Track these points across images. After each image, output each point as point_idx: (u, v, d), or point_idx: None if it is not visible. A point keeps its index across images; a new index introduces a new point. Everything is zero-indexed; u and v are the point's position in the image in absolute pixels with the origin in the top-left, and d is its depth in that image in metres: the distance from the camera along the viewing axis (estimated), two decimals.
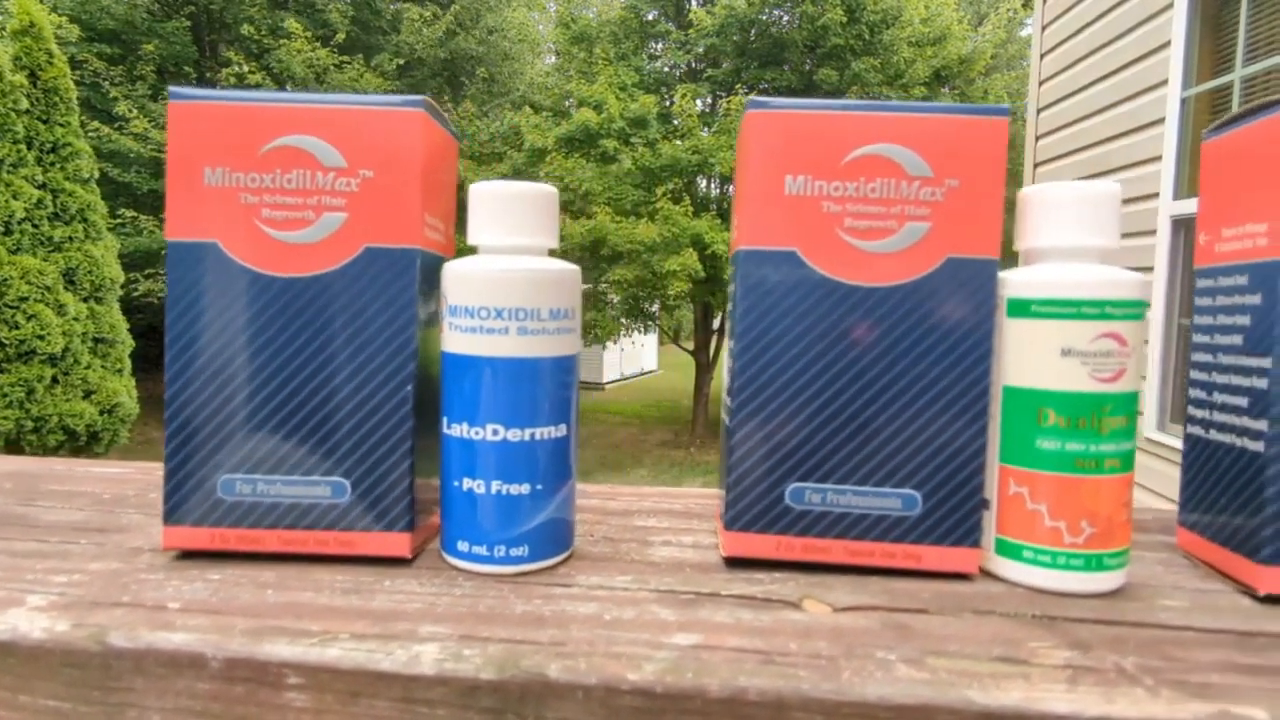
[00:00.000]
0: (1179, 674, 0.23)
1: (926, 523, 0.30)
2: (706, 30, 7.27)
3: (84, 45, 6.10)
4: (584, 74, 7.50)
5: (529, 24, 8.88)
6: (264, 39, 6.71)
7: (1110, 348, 0.28)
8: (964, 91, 7.60)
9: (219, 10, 7.10)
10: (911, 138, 0.29)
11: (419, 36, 7.29)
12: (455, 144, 0.34)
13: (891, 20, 7.23)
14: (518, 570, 0.29)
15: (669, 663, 0.23)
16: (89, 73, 6.24)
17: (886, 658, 0.24)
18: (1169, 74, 2.83)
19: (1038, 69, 3.73)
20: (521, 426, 0.29)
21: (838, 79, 7.19)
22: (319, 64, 6.61)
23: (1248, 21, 2.56)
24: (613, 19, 7.74)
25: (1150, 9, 2.91)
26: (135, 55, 6.54)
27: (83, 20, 6.13)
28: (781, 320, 0.30)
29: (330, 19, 6.98)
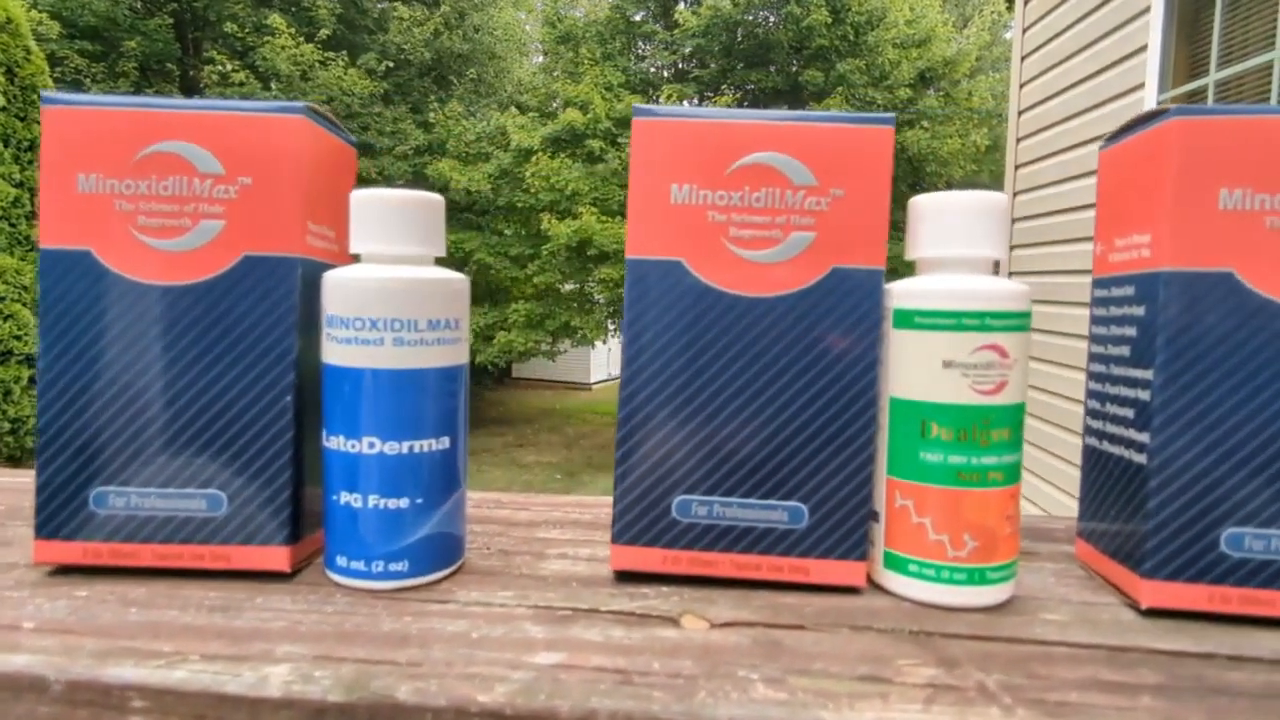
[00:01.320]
0: (1039, 692, 0.23)
1: (813, 536, 0.29)
2: (692, 31, 7.28)
3: (64, 42, 6.04)
4: (570, 74, 7.49)
5: (515, 24, 8.85)
6: (248, 36, 6.66)
7: (991, 359, 0.27)
8: (949, 93, 7.64)
9: (202, 8, 7.04)
10: (796, 146, 0.29)
11: (406, 36, 7.25)
12: (350, 150, 0.34)
13: (876, 22, 7.25)
14: (397, 586, 0.29)
15: (523, 684, 0.23)
16: (70, 70, 6.18)
17: (748, 677, 0.24)
18: (1146, 78, 2.85)
19: (1018, 72, 3.75)
20: (400, 439, 0.28)
21: (823, 80, 7.21)
22: (303, 61, 6.56)
23: (1221, 26, 2.58)
24: (599, 19, 7.73)
25: (1127, 13, 2.93)
26: (117, 52, 6.48)
27: (63, 17, 6.07)
28: (668, 331, 0.29)
29: (316, 16, 6.93)
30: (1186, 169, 0.27)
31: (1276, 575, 0.27)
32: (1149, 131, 0.29)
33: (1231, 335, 0.27)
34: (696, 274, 0.29)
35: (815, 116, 0.29)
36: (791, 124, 0.29)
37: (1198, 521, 0.27)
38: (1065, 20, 3.30)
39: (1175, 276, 0.27)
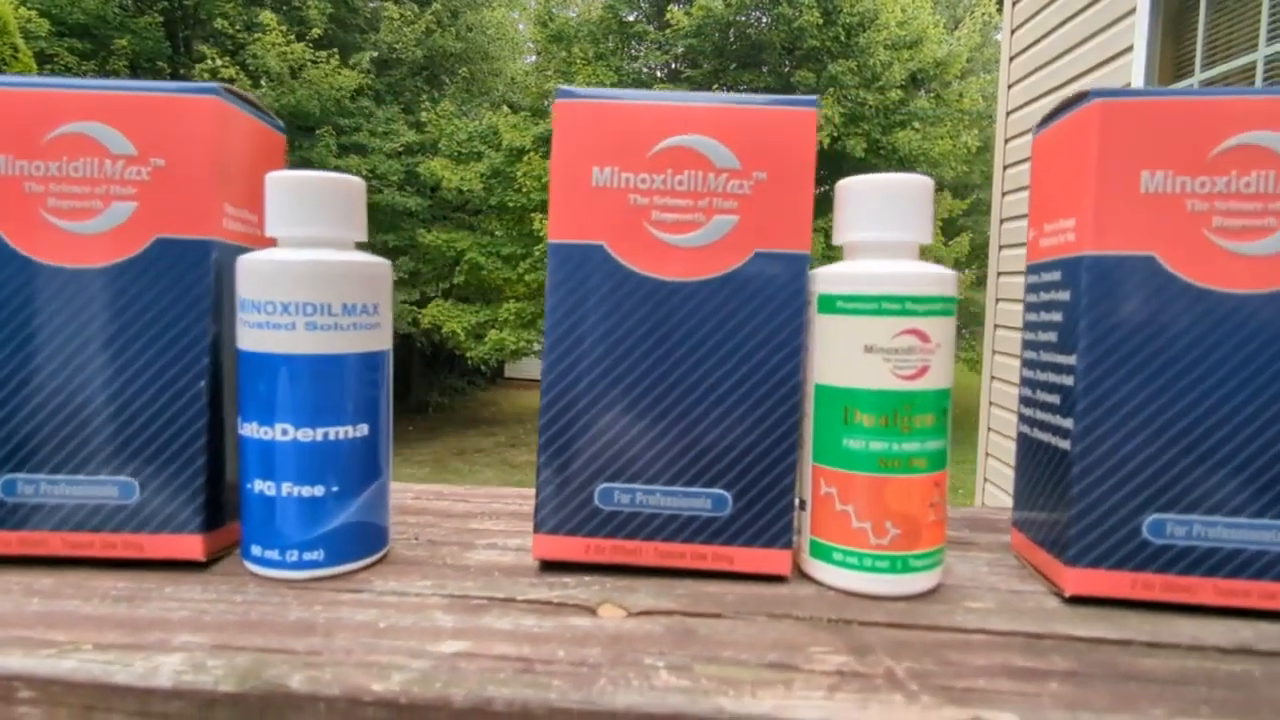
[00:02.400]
0: (947, 679, 0.23)
1: (737, 524, 0.29)
2: (684, 31, 7.28)
3: (53, 40, 6.00)
4: (563, 73, 7.48)
5: (508, 23, 8.84)
6: (238, 34, 6.63)
7: (912, 344, 0.27)
8: (940, 94, 7.65)
9: (193, 6, 7.01)
10: (719, 129, 0.28)
11: (398, 35, 7.23)
12: (273, 133, 0.33)
13: (868, 23, 7.26)
14: (313, 575, 0.28)
15: (421, 673, 0.22)
16: (59, 67, 6.14)
17: (654, 665, 0.23)
18: (1132, 78, 2.86)
19: (1006, 72, 3.76)
20: (315, 426, 0.28)
21: (815, 80, 7.21)
22: (294, 59, 6.53)
23: (1206, 27, 2.59)
24: (592, 19, 7.73)
25: (1113, 14, 2.94)
26: (107, 50, 6.44)
27: (52, 14, 6.03)
28: (590, 316, 0.29)
29: (307, 15, 6.91)
30: (1107, 152, 0.27)
31: (1198, 562, 0.27)
32: (1073, 115, 0.28)
33: (1153, 320, 0.27)
34: (618, 258, 0.29)
35: (738, 99, 0.29)
36: (714, 106, 0.28)
37: (1120, 508, 0.27)
38: (1053, 21, 3.31)
39: (1097, 261, 0.27)
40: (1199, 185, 0.26)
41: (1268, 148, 0.26)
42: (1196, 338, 0.26)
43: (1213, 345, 0.26)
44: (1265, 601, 0.26)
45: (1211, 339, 0.26)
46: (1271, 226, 0.26)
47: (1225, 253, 0.26)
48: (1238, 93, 0.26)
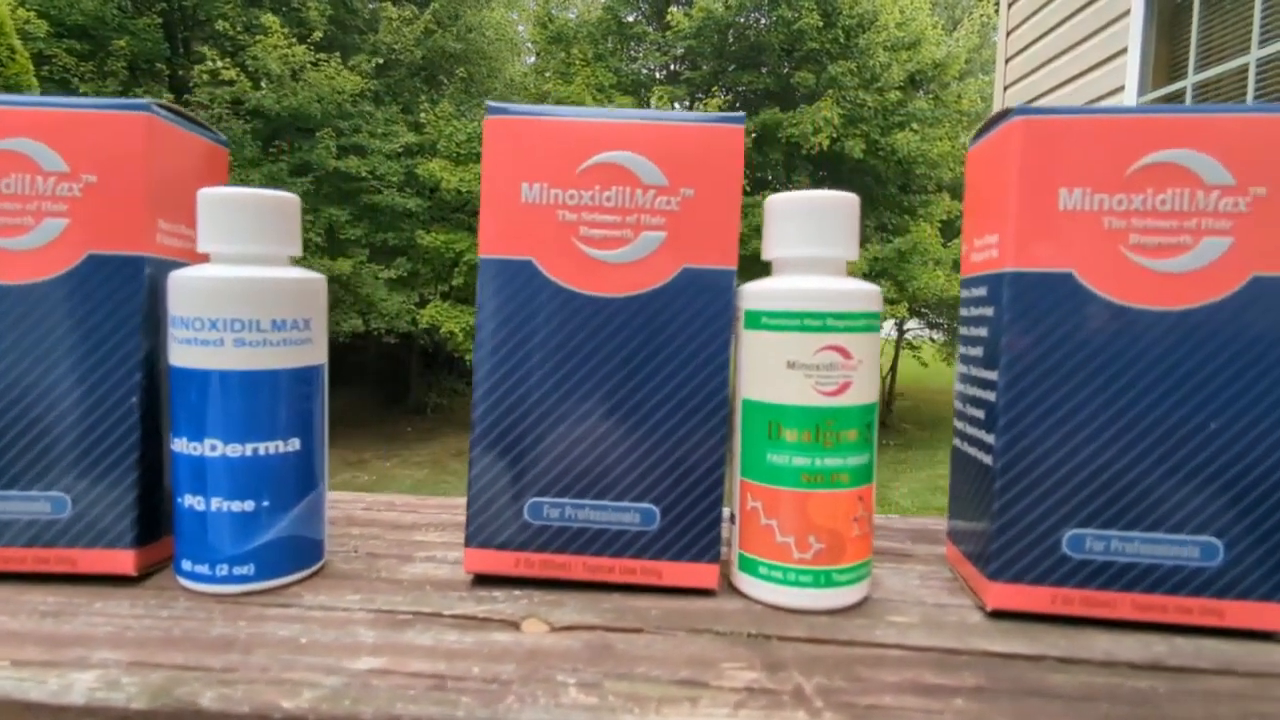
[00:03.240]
0: (854, 696, 0.23)
1: (665, 538, 0.29)
2: (684, 33, 7.28)
3: (51, 41, 6.01)
4: (562, 75, 7.49)
5: (507, 23, 8.84)
6: (239, 36, 6.64)
7: (834, 360, 0.27)
8: (938, 95, 7.65)
9: (192, 7, 7.01)
10: (647, 146, 0.29)
11: (397, 36, 7.24)
12: (217, 150, 0.33)
13: (867, 24, 7.26)
14: (243, 590, 0.28)
15: (332, 690, 0.23)
16: (57, 68, 6.15)
17: (565, 682, 0.23)
18: (1126, 80, 2.87)
19: (1003, 73, 3.76)
20: (243, 441, 0.28)
21: (814, 82, 7.21)
22: (295, 61, 6.54)
23: (1199, 30, 2.60)
24: (591, 20, 7.74)
25: (1108, 16, 2.94)
26: (106, 51, 6.45)
27: (51, 15, 6.04)
28: (519, 331, 0.29)
29: (307, 17, 6.91)
30: (1027, 169, 0.27)
31: (1116, 577, 0.27)
32: (998, 131, 0.28)
33: (1072, 336, 0.27)
34: (547, 273, 0.29)
35: (665, 115, 0.29)
36: (641, 123, 0.29)
37: (1040, 523, 0.27)
38: (1048, 23, 3.31)
39: (1018, 277, 0.27)
40: (1116, 203, 0.26)
41: (1183, 166, 0.26)
42: (1114, 354, 0.27)
43: (1130, 362, 0.26)
44: (1181, 616, 0.27)
45: (1129, 355, 0.26)
46: (1187, 244, 0.26)
47: (1142, 270, 0.26)
48: (1153, 111, 0.26)
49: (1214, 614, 0.26)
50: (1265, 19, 2.38)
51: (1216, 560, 0.26)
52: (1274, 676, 0.24)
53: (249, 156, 6.35)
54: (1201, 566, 0.26)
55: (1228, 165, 0.26)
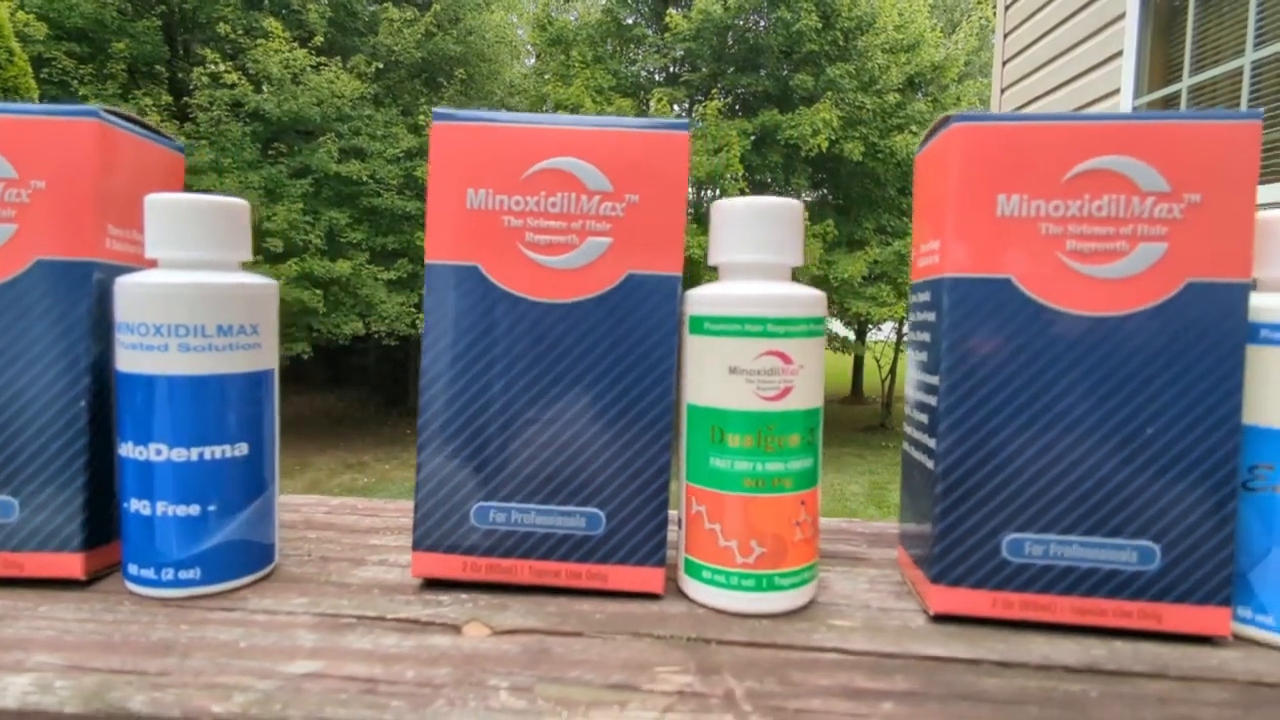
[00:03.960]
0: (783, 700, 0.23)
1: (611, 542, 0.29)
2: (683, 35, 7.28)
3: (51, 43, 6.03)
4: (561, 77, 7.50)
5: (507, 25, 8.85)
6: (239, 39, 6.65)
7: (774, 365, 0.27)
8: (937, 98, 7.65)
9: (191, 10, 7.03)
10: (591, 152, 0.29)
11: (398, 38, 7.25)
12: (167, 153, 0.33)
13: (865, 27, 7.27)
14: (189, 594, 0.29)
15: (264, 694, 0.23)
16: (57, 71, 6.16)
17: (497, 685, 0.23)
18: (1122, 82, 2.87)
19: (1000, 76, 3.76)
20: (189, 446, 0.28)
21: (813, 84, 7.22)
22: (295, 64, 6.55)
23: (1194, 32, 2.60)
24: (590, 22, 7.75)
25: (1103, 19, 2.94)
26: (105, 54, 6.46)
27: (50, 18, 6.05)
28: (465, 336, 0.29)
29: (308, 19, 6.93)
30: (966, 176, 0.27)
31: (1055, 580, 0.27)
32: (939, 138, 0.29)
33: (1010, 341, 0.27)
34: (493, 279, 0.29)
35: (611, 121, 0.29)
36: (586, 129, 0.29)
37: (981, 527, 0.27)
38: (1045, 26, 3.32)
39: (957, 283, 0.27)
40: (1053, 209, 0.26)
41: (1119, 172, 0.26)
42: (1052, 359, 0.27)
43: (1067, 367, 0.27)
44: (1120, 620, 0.27)
45: (1066, 360, 0.27)
46: (1123, 250, 0.26)
47: (1078, 275, 0.26)
48: (1089, 118, 0.26)
49: (1152, 618, 0.27)
50: (1260, 22, 2.38)
51: (1154, 564, 0.26)
52: (1205, 680, 0.24)
53: (249, 159, 6.36)
54: (1139, 570, 0.27)
55: (1162, 172, 0.26)
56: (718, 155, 6.50)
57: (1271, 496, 0.26)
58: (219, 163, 6.41)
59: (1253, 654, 0.26)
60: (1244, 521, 0.27)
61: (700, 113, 7.16)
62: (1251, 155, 0.25)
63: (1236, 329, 0.26)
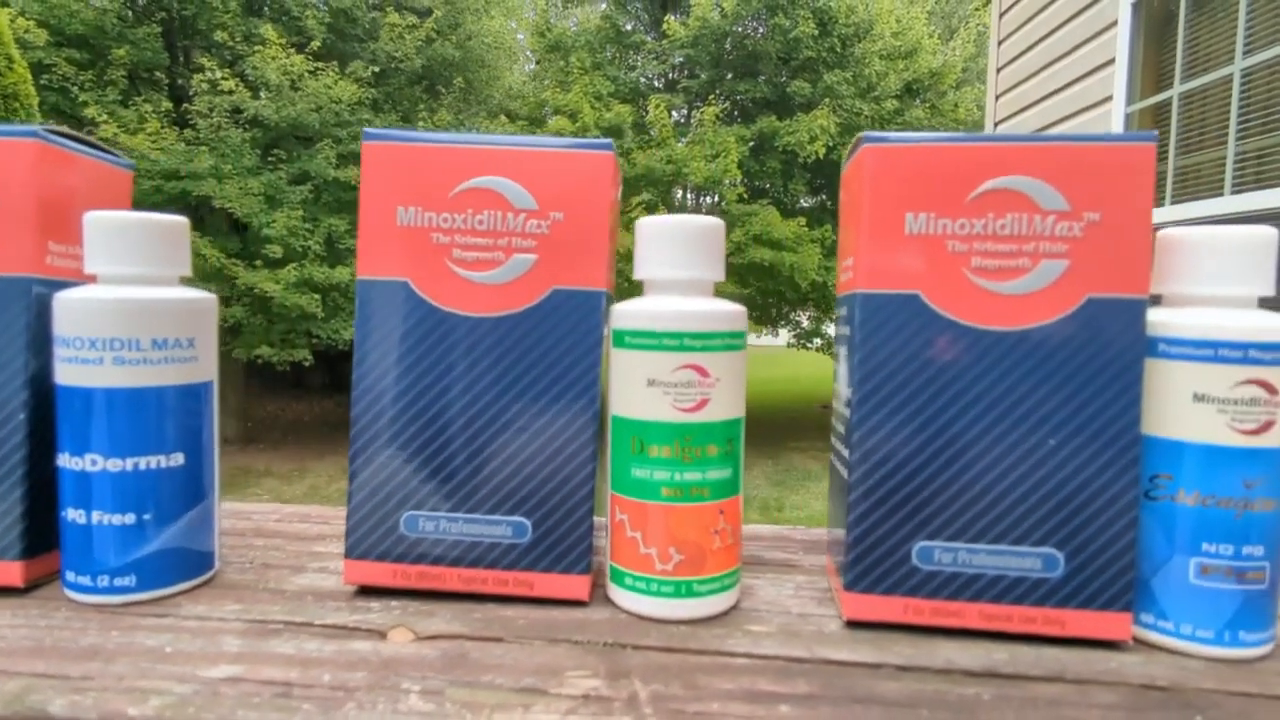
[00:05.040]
0: (684, 703, 0.24)
1: (537, 550, 0.30)
2: (681, 42, 7.31)
3: (51, 49, 6.05)
4: (560, 83, 7.52)
5: (506, 31, 8.89)
6: (238, 45, 6.68)
7: (691, 378, 0.28)
8: (935, 104, 7.67)
9: (191, 16, 7.06)
10: (517, 171, 0.30)
11: (398, 44, 7.27)
12: (114, 170, 0.34)
13: (863, 33, 7.29)
14: (125, 600, 0.29)
15: (180, 698, 0.23)
16: (57, 77, 6.19)
17: (409, 689, 0.24)
18: (1114, 90, 2.88)
19: (994, 83, 3.78)
20: (124, 456, 0.29)
21: (811, 91, 7.24)
22: (293, 70, 6.58)
23: (1185, 41, 2.61)
24: (589, 29, 7.78)
25: (1096, 27, 2.95)
26: (105, 61, 6.49)
27: (51, 25, 6.08)
28: (395, 350, 0.30)
29: (306, 26, 6.96)
30: (876, 194, 0.28)
31: (964, 587, 0.28)
32: (854, 158, 0.29)
33: (919, 355, 0.28)
34: (421, 294, 0.30)
35: (535, 141, 0.30)
36: (512, 148, 0.30)
37: (892, 535, 0.28)
38: (1038, 33, 3.33)
39: (868, 298, 0.28)
40: (959, 227, 0.27)
41: (1021, 192, 0.27)
42: (958, 373, 0.27)
43: (973, 380, 0.27)
44: (1026, 626, 0.27)
45: (972, 374, 0.27)
46: (1025, 267, 0.27)
47: (983, 291, 0.27)
48: (992, 139, 0.27)
49: (1056, 623, 0.27)
50: (1249, 30, 2.39)
51: (1058, 571, 0.27)
52: (1099, 683, 0.25)
53: (248, 165, 6.38)
54: (1044, 577, 0.27)
55: (1063, 191, 0.27)
56: (715, 161, 6.51)
57: (1171, 505, 0.27)
58: (219, 169, 6.44)
59: (1152, 658, 0.27)
60: (1145, 530, 0.27)
61: (698, 119, 7.18)
62: (1147, 175, 0.26)
63: (1135, 343, 0.27)
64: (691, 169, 6.51)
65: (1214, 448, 0.26)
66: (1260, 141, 2.30)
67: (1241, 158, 2.39)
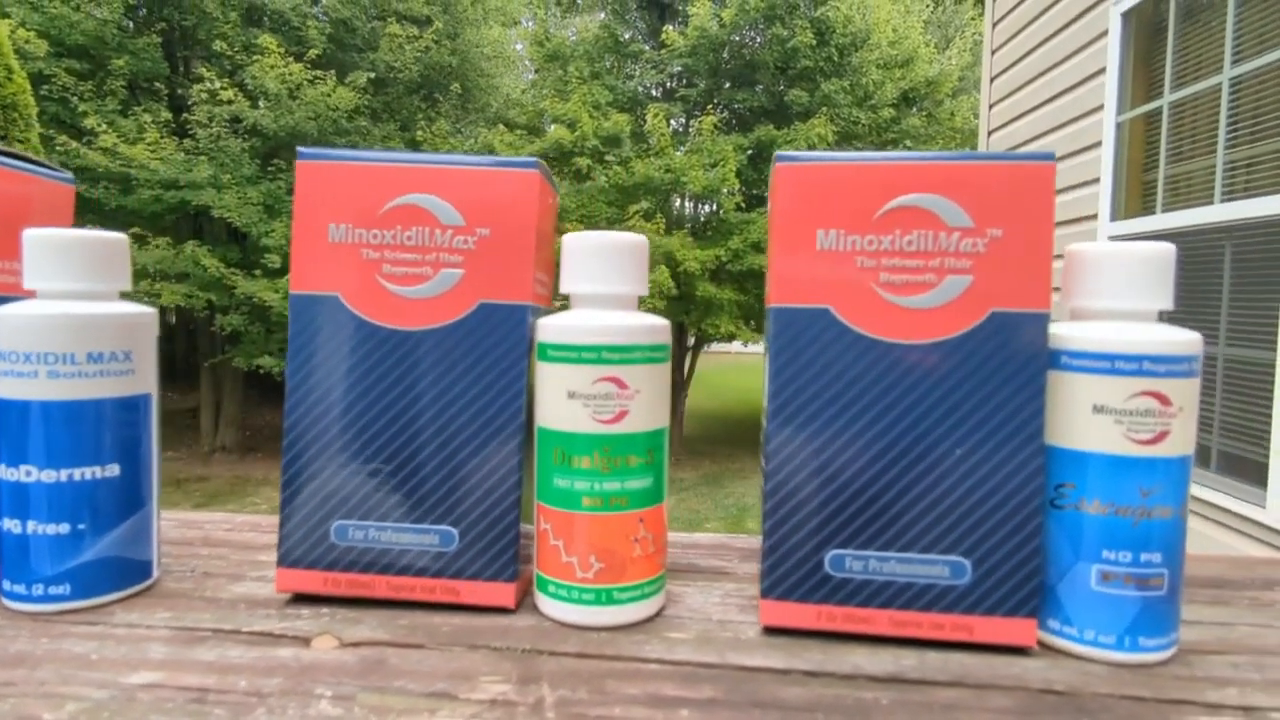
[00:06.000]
0: (588, 708, 0.24)
1: (464, 558, 0.31)
2: (679, 51, 7.34)
3: (51, 60, 6.09)
4: (559, 92, 7.56)
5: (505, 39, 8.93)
6: (236, 56, 6.71)
7: (610, 390, 0.29)
8: (931, 113, 7.70)
9: (191, 27, 7.10)
10: (443, 188, 0.30)
11: (397, 54, 7.31)
12: (57, 186, 0.35)
13: (860, 43, 7.33)
14: (59, 609, 0.30)
15: (95, 703, 0.24)
16: (57, 87, 6.22)
17: (321, 694, 0.25)
18: (1105, 99, 2.89)
19: (988, 92, 3.79)
20: (58, 468, 0.30)
21: (808, 100, 7.27)
22: (292, 80, 6.61)
23: (1175, 50, 2.63)
24: (588, 38, 7.82)
25: (1087, 36, 2.97)
26: (105, 71, 6.52)
27: (51, 35, 6.12)
28: (326, 363, 0.31)
29: (307, 35, 7.00)
30: (787, 211, 0.29)
31: (875, 594, 0.28)
32: (771, 176, 0.30)
33: (830, 368, 0.28)
34: (352, 308, 0.31)
35: (464, 160, 0.31)
36: (439, 167, 0.31)
37: (805, 543, 0.29)
38: (1030, 43, 3.35)
39: (780, 312, 0.29)
40: (867, 243, 0.28)
41: (927, 209, 0.28)
42: (867, 385, 0.28)
43: (883, 392, 0.28)
44: (934, 632, 0.28)
45: (880, 386, 0.28)
46: (931, 282, 0.28)
47: (891, 306, 0.28)
48: (899, 158, 0.28)
49: (964, 629, 0.28)
50: (1237, 39, 2.41)
51: (965, 579, 0.28)
52: (998, 688, 0.26)
53: (247, 174, 6.41)
54: (951, 584, 0.28)
55: (966, 209, 0.27)
56: (714, 170, 6.54)
57: (1076, 514, 0.28)
58: (218, 178, 6.46)
59: (1056, 663, 0.27)
60: (1051, 537, 0.28)
61: (696, 128, 7.21)
62: (1047, 193, 0.27)
63: (1038, 356, 0.27)
64: (690, 178, 6.54)
65: (1112, 457, 0.27)
66: (1249, 150, 2.32)
67: (1231, 166, 2.40)
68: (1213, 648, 0.29)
